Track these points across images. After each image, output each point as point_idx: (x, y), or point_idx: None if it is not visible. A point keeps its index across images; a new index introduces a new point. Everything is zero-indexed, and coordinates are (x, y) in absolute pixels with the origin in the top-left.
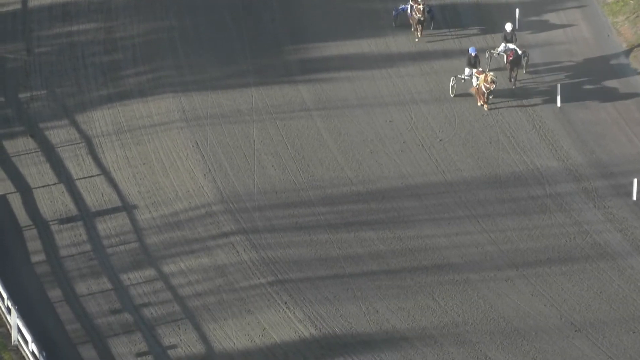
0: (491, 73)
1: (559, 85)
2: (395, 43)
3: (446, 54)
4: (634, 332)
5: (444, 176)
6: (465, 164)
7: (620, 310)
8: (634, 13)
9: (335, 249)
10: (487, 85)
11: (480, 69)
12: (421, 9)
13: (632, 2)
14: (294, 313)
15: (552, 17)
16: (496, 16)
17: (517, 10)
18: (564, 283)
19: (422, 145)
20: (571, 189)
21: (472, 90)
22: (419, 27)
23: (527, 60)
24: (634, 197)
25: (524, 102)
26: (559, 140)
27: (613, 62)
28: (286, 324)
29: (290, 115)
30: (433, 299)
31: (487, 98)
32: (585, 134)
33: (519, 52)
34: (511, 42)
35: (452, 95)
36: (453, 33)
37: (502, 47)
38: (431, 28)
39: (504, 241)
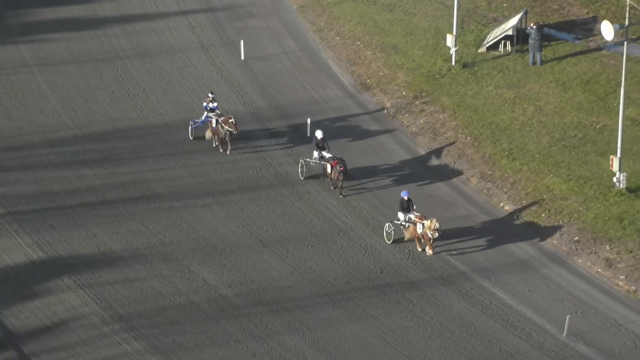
0: (434, 219)
1: (242, 41)
2: (102, 7)
3: (147, 17)
4: (312, 246)
5: (148, 120)
6: (166, 110)
7: (300, 229)
8: None
9: (58, 184)
10: (432, 232)
11: (418, 214)
12: (233, 122)
13: None
14: (23, 239)
15: None
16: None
17: None
18: (253, 207)
19: (129, 94)
20: (256, 128)
21: (412, 235)
22: (226, 143)
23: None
24: (308, 134)
25: (212, 54)
26: (244, 88)
27: (285, 21)
28: (17, 249)
29: (13, 71)
30: (143, 224)
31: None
32: (266, 82)
33: (338, 157)
34: (324, 149)
35: (388, 243)
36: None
37: (316, 154)
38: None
39: (201, 174)
